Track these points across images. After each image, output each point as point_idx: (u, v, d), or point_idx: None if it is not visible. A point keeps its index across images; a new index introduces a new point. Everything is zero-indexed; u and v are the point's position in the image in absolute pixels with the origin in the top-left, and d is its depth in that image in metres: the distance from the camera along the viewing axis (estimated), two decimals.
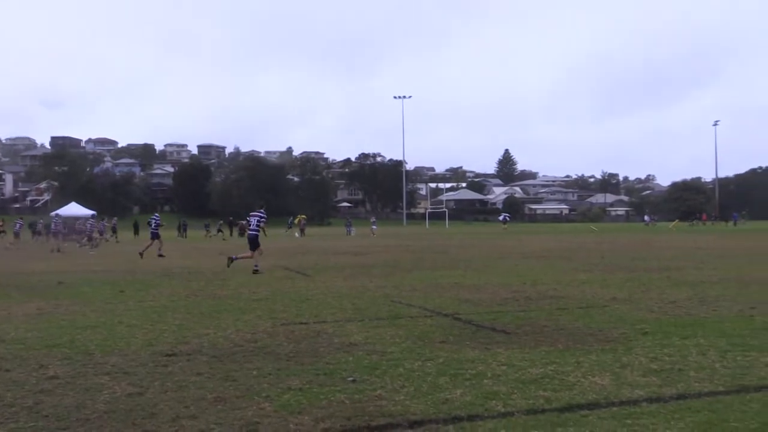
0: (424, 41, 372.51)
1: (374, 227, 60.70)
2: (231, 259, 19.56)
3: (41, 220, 52.89)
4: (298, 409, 5.21)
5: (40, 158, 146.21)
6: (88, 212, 62.78)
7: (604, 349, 7.31)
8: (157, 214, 30.27)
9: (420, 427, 4.74)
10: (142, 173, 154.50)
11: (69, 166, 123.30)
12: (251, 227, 19.83)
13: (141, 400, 5.56)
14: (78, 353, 7.50)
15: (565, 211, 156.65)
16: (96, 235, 39.19)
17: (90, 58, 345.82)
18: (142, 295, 13.18)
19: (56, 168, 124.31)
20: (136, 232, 61.40)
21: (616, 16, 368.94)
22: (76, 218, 54.44)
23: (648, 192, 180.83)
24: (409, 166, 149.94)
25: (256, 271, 18.21)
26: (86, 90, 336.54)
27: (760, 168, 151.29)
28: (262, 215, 19.90)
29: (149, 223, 29.37)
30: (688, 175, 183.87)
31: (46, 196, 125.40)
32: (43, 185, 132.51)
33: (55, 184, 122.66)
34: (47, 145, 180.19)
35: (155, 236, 28.18)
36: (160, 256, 26.70)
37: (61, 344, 8.05)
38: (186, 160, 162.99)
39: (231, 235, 60.87)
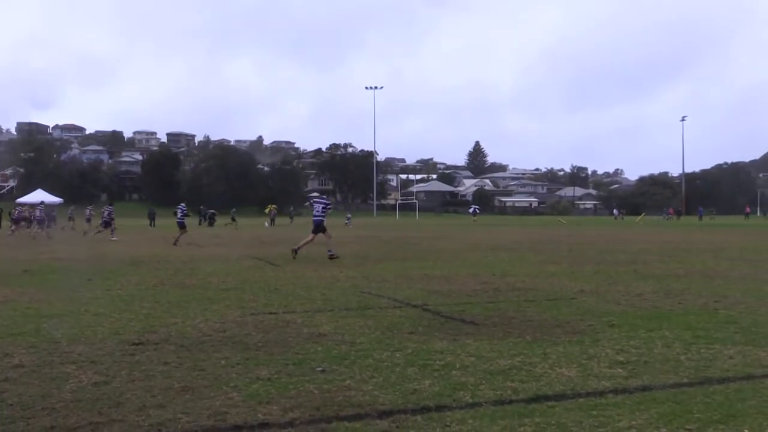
0: (395, 31, 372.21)
1: (348, 221, 62.85)
2: (294, 251, 19.69)
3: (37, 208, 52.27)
4: (267, 399, 5.20)
5: (6, 144, 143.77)
6: (56, 199, 62.14)
7: (572, 341, 7.38)
8: (183, 204, 30.63)
9: (388, 417, 4.75)
10: (110, 161, 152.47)
11: (35, 152, 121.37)
12: (316, 213, 20.16)
13: (107, 389, 5.51)
14: (44, 342, 7.40)
15: (535, 204, 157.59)
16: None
17: (57, 42, 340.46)
18: (110, 283, 13.04)
19: (22, 154, 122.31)
20: None
21: (586, 10, 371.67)
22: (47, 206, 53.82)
23: (616, 186, 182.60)
24: (380, 157, 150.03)
25: (332, 257, 18.71)
26: (53, 75, 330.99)
27: (726, 164, 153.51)
28: (326, 202, 20.52)
29: (175, 213, 29.80)
30: (656, 170, 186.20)
31: (12, 183, 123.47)
32: (8, 171, 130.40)
33: (21, 170, 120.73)
34: (13, 131, 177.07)
35: (182, 225, 28.80)
36: (174, 243, 27.30)
37: (26, 333, 7.94)
38: (155, 148, 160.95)
39: (200, 224, 60.40)
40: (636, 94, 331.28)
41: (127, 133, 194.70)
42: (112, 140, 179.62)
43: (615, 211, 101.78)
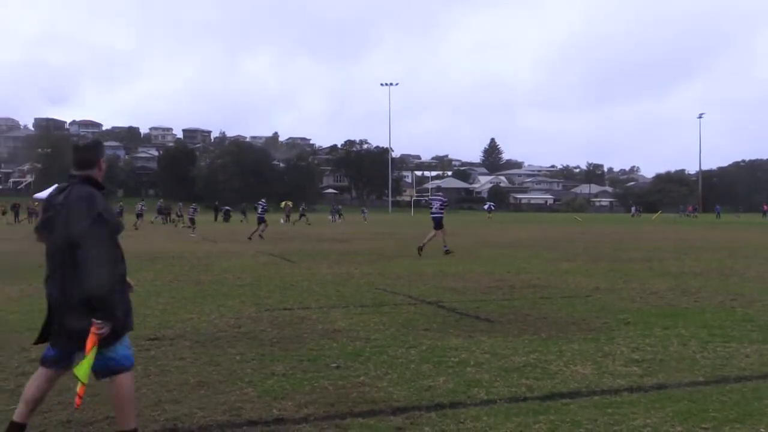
0: (411, 27, 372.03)
1: (365, 214, 66.46)
2: (420, 248, 19.87)
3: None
4: (282, 395, 5.22)
5: (23, 140, 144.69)
6: None
7: (587, 339, 7.36)
8: (263, 200, 31.96)
9: (403, 414, 4.76)
10: (126, 156, 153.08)
11: (52, 148, 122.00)
12: (434, 210, 20.76)
13: None
14: None
15: (550, 201, 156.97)
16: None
17: (74, 38, 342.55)
18: None
19: (39, 150, 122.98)
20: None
21: (603, 5, 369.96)
22: None
23: (632, 183, 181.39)
24: (396, 153, 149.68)
25: (447, 252, 19.44)
26: (71, 71, 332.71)
27: (743, 161, 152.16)
28: (444, 199, 21.25)
29: (256, 208, 31.32)
30: (673, 167, 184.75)
31: (29, 178, 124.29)
32: (26, 167, 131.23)
33: (39, 166, 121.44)
34: (30, 127, 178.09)
35: (262, 220, 29.99)
36: (260, 236, 28.95)
37: None
38: (171, 144, 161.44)
39: (216, 220, 60.62)
40: (653, 91, 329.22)
41: (144, 129, 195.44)
42: (129, 136, 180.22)
43: (632, 208, 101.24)
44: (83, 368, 3.90)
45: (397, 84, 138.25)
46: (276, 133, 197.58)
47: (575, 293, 11.25)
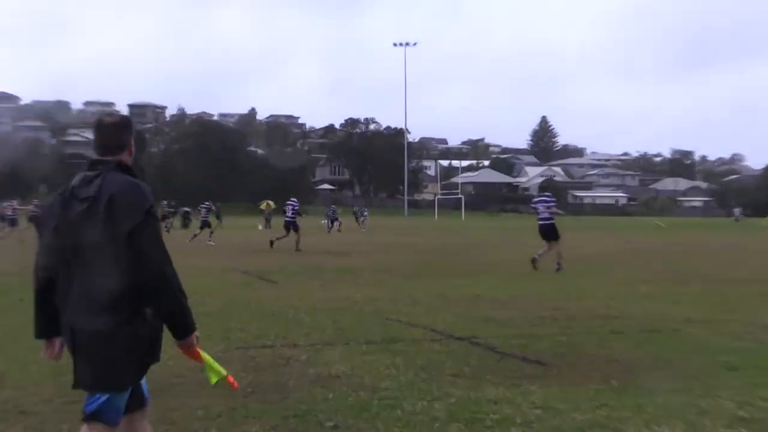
0: None
1: (365, 218, 64.09)
2: (534, 260, 20.64)
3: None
4: None
5: None
6: None
7: (675, 389, 7.30)
8: (294, 199, 31.22)
9: None
10: (53, 140, 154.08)
11: None
12: (541, 216, 21.78)
13: None
14: None
15: (623, 201, 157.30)
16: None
17: None
18: None
19: None
20: None
21: None
22: None
23: (733, 177, 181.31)
24: (413, 136, 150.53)
25: (534, 260, 20.51)
26: None
27: None
28: (549, 199, 22.65)
29: (284, 211, 30.82)
30: None
31: None
32: None
33: None
34: None
35: (292, 225, 29.72)
36: (297, 250, 28.51)
37: None
38: None
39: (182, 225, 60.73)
40: (760, 56, 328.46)
41: (76, 105, 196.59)
42: (56, 113, 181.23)
43: (736, 210, 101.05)
44: (213, 369, 4.61)
45: (414, 44, 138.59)
46: (253, 110, 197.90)
47: (658, 326, 11.20)
